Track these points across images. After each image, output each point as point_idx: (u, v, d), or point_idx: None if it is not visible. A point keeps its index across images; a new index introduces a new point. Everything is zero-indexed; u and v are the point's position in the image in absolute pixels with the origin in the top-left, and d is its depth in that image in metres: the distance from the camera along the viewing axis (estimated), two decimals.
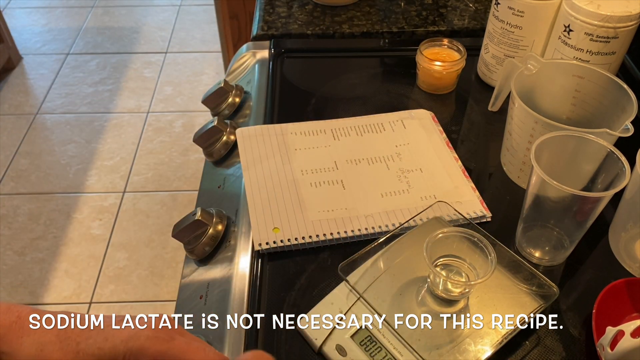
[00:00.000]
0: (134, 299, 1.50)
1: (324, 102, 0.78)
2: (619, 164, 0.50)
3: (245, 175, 0.64)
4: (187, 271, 0.62)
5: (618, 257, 0.57)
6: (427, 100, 0.77)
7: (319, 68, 0.85)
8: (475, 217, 0.60)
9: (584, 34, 0.64)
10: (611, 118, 0.59)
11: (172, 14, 2.58)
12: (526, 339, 0.50)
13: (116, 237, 1.64)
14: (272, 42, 0.86)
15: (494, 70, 0.77)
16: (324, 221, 0.59)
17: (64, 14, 2.58)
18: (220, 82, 0.77)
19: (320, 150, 0.67)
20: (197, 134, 0.72)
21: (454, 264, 0.52)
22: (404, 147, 0.68)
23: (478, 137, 0.73)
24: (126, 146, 1.91)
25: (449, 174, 0.65)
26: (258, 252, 0.57)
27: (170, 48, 2.37)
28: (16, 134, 1.96)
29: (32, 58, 2.30)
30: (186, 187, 1.79)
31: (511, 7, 0.69)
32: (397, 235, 0.56)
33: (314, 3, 0.94)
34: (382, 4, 0.95)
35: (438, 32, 0.89)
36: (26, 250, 1.60)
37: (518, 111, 0.59)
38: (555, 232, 0.56)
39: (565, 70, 0.63)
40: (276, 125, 0.70)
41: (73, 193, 1.76)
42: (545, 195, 0.52)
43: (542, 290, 0.51)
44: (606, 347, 0.45)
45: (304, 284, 0.55)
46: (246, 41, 0.90)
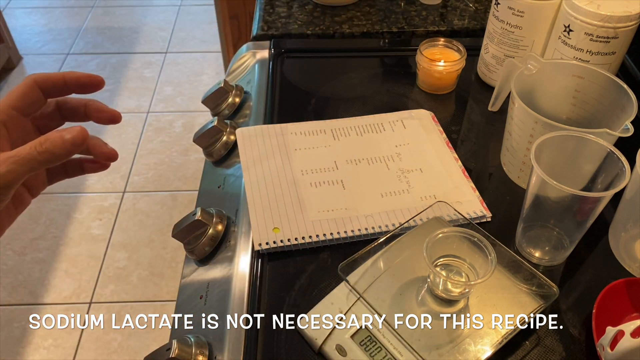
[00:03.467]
0: (134, 299, 1.50)
1: (324, 102, 0.78)
2: (619, 164, 0.50)
3: (245, 175, 0.64)
4: (187, 271, 0.62)
5: (618, 257, 0.57)
6: (427, 100, 0.77)
7: (319, 68, 0.85)
8: (475, 217, 0.60)
9: (584, 34, 0.64)
10: (611, 118, 0.59)
11: (172, 14, 2.58)
12: (526, 339, 0.50)
13: (116, 237, 1.64)
14: (272, 42, 0.86)
15: (494, 70, 0.77)
16: (324, 221, 0.59)
17: (64, 14, 2.58)
18: (220, 82, 0.77)
19: (320, 150, 0.67)
20: (197, 134, 0.72)
21: (454, 264, 0.52)
22: (404, 147, 0.68)
23: (478, 137, 0.73)
24: (126, 146, 1.91)
25: (449, 174, 0.65)
26: (258, 252, 0.57)
27: (170, 48, 2.37)
28: None
29: (32, 58, 2.30)
30: (186, 187, 1.79)
31: (511, 7, 0.69)
32: (397, 235, 0.56)
33: (314, 3, 0.94)
34: (382, 4, 0.95)
35: (438, 32, 0.89)
36: (26, 250, 1.60)
37: (518, 111, 0.59)
38: (555, 232, 0.56)
39: (565, 70, 0.63)
40: (276, 125, 0.70)
41: (73, 193, 1.76)
42: (545, 195, 0.52)
43: (542, 290, 0.51)
44: (606, 347, 0.45)
45: (304, 284, 0.55)
46: (246, 41, 0.90)
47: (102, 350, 1.39)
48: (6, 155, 0.35)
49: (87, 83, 0.41)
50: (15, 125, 0.39)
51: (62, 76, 0.40)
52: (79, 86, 0.41)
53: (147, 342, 1.40)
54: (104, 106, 0.43)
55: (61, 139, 0.35)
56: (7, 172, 0.34)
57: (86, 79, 0.41)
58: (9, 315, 1.45)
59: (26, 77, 0.40)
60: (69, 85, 0.41)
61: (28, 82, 0.39)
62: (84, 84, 0.41)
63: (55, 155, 0.35)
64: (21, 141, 0.38)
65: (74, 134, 0.35)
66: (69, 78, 0.40)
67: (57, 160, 0.36)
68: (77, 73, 0.41)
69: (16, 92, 0.39)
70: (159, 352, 0.49)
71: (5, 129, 0.38)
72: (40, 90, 0.40)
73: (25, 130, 0.41)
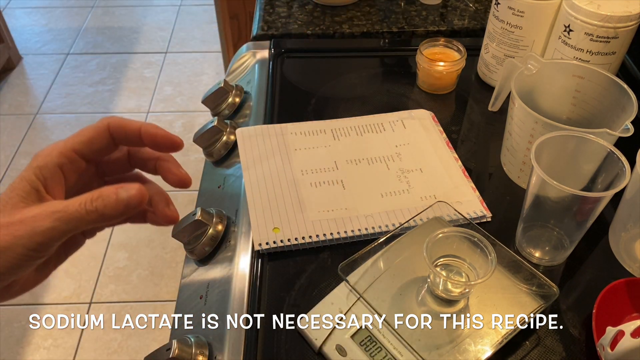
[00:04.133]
0: (134, 299, 1.50)
1: (324, 102, 0.78)
2: (619, 164, 0.50)
3: (245, 175, 0.64)
4: (187, 271, 0.62)
5: (618, 257, 0.57)
6: (427, 100, 0.77)
7: (319, 68, 0.85)
8: (475, 217, 0.60)
9: (584, 34, 0.64)
10: (611, 118, 0.59)
11: (172, 14, 2.58)
12: (526, 339, 0.50)
13: (116, 237, 1.63)
14: (272, 42, 0.86)
15: (494, 70, 0.77)
16: (324, 221, 0.59)
17: (64, 14, 2.58)
18: (220, 82, 0.77)
19: (320, 150, 0.67)
20: (197, 134, 0.72)
21: (454, 264, 0.52)
22: (404, 147, 0.68)
23: (478, 137, 0.73)
24: None
25: (449, 174, 0.65)
26: (258, 252, 0.57)
27: (170, 48, 2.37)
28: (16, 134, 1.96)
29: (32, 58, 2.30)
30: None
31: (511, 7, 0.69)
32: (397, 235, 0.56)
33: (314, 3, 0.94)
34: (382, 4, 0.95)
35: (438, 32, 0.89)
36: None
37: (518, 111, 0.59)
38: (555, 232, 0.56)
39: (565, 70, 0.63)
40: (276, 125, 0.70)
41: None
42: (545, 195, 0.52)
43: (542, 290, 0.51)
44: (606, 347, 0.45)
45: (304, 284, 0.55)
46: (246, 41, 0.90)
47: (102, 350, 1.39)
48: (53, 208, 0.31)
49: (163, 144, 0.37)
50: (74, 170, 0.35)
51: (138, 128, 0.36)
52: (155, 144, 0.37)
53: (147, 342, 1.40)
54: (177, 167, 0.39)
55: (115, 198, 0.31)
56: (50, 228, 0.31)
57: (164, 139, 0.37)
58: (9, 315, 1.45)
59: (101, 120, 0.36)
60: (144, 139, 0.37)
61: (100, 126, 0.35)
62: (160, 143, 0.37)
63: (105, 216, 0.31)
64: (80, 186, 0.35)
65: (130, 194, 0.32)
66: (146, 133, 0.36)
67: (107, 222, 0.32)
68: (155, 129, 0.37)
69: (84, 134, 0.35)
70: (159, 352, 0.49)
71: (62, 173, 0.34)
72: (112, 138, 0.36)
73: (87, 174, 0.37)
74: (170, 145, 0.37)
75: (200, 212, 0.59)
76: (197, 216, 0.59)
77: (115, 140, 0.36)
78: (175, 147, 0.38)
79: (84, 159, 0.36)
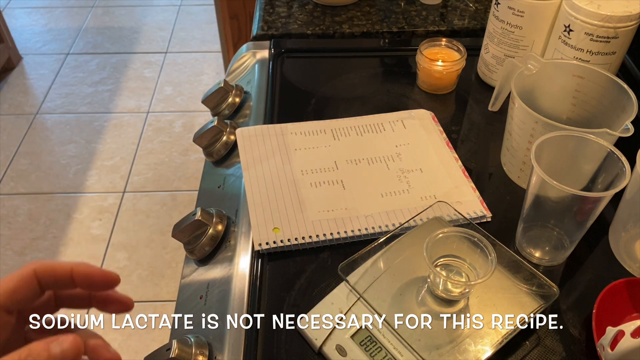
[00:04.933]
0: (134, 299, 1.48)
1: (324, 102, 0.78)
2: (619, 164, 0.50)
3: (245, 175, 0.64)
4: (187, 271, 0.62)
5: (618, 257, 0.57)
6: (427, 100, 0.77)
7: (319, 68, 0.85)
8: (475, 217, 0.60)
9: (584, 34, 0.64)
10: (611, 118, 0.59)
11: (172, 14, 2.58)
12: (526, 339, 0.50)
13: (116, 237, 1.63)
14: (272, 42, 0.86)
15: (494, 70, 0.77)
16: (324, 221, 0.59)
17: (64, 14, 2.58)
18: (220, 82, 0.77)
19: (320, 150, 0.67)
20: (197, 134, 0.72)
21: (454, 264, 0.52)
22: (404, 147, 0.68)
23: (478, 137, 0.73)
24: (126, 146, 1.91)
25: (449, 174, 0.65)
26: (258, 252, 0.57)
27: (170, 48, 2.37)
28: (16, 134, 1.96)
29: (32, 58, 2.30)
30: (186, 187, 1.79)
31: (511, 7, 0.69)
32: (397, 235, 0.56)
33: (314, 3, 0.94)
34: (382, 4, 0.95)
35: (438, 32, 0.89)
36: (26, 250, 1.59)
37: (518, 111, 0.59)
38: (555, 232, 0.56)
39: (565, 70, 0.63)
40: (276, 125, 0.70)
41: (73, 193, 1.76)
42: (545, 195, 0.52)
43: (542, 290, 0.51)
44: (606, 347, 0.45)
45: (304, 284, 0.55)
46: (246, 41, 0.90)
47: None
48: None
49: (99, 282, 0.34)
50: None
51: (69, 270, 0.33)
52: (89, 284, 0.34)
53: (147, 342, 1.40)
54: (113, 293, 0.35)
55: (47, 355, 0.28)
56: None
57: (100, 277, 0.33)
58: None
59: (25, 266, 0.32)
60: (76, 281, 0.33)
61: (25, 274, 0.31)
62: (95, 282, 0.34)
63: None
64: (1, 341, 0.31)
65: (63, 347, 0.28)
66: (79, 274, 0.33)
67: None
68: (88, 268, 0.33)
69: (6, 285, 0.31)
70: (159, 352, 0.49)
71: None
72: (39, 284, 0.32)
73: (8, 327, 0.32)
74: (106, 282, 0.34)
75: (200, 212, 0.59)
76: (197, 216, 0.59)
77: (43, 286, 0.33)
78: (112, 284, 0.35)
79: (5, 311, 0.31)
